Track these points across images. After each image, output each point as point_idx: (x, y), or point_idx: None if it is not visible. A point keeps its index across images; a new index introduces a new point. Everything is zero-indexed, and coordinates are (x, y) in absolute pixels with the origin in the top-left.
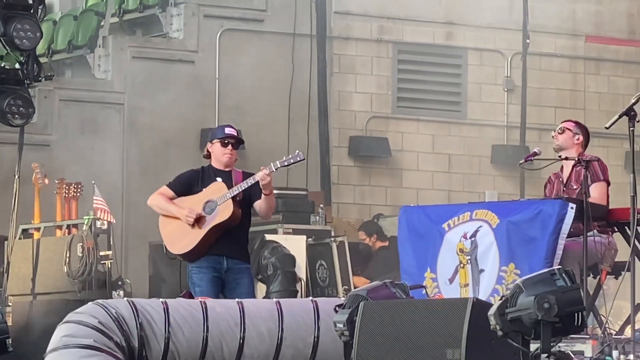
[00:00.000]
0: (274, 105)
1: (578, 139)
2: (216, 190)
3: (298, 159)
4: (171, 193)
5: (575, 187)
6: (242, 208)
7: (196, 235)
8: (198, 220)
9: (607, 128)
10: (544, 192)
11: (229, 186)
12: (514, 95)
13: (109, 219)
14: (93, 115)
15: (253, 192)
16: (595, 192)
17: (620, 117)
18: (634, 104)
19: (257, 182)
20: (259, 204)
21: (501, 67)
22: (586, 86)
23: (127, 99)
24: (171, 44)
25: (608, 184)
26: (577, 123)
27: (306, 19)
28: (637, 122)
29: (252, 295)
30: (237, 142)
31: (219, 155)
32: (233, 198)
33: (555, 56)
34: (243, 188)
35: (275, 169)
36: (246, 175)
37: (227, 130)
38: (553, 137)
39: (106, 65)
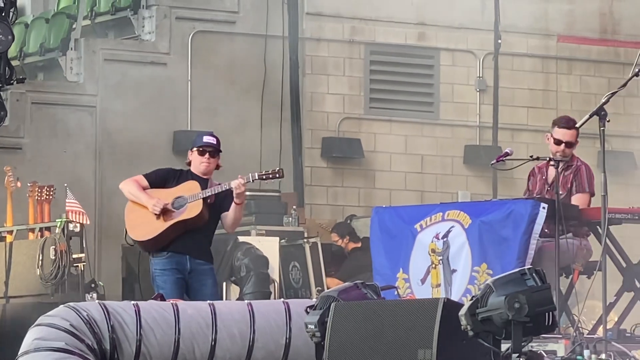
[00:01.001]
0: (246, 107)
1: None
2: (189, 188)
3: (277, 175)
4: (145, 182)
5: (561, 192)
6: (211, 212)
7: (158, 226)
8: (164, 213)
9: (577, 128)
10: (527, 185)
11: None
12: (486, 96)
13: (82, 221)
14: (65, 118)
15: (225, 201)
16: (577, 202)
17: (590, 116)
18: (604, 103)
19: (231, 192)
20: (226, 215)
21: (473, 68)
22: (558, 86)
23: (100, 102)
24: (143, 46)
25: (592, 194)
26: (577, 130)
27: (278, 20)
28: (608, 121)
29: (216, 296)
30: (215, 150)
31: (197, 163)
32: (204, 199)
33: (527, 56)
34: (216, 192)
35: (252, 181)
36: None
37: (205, 139)
38: (562, 150)
39: (78, 68)
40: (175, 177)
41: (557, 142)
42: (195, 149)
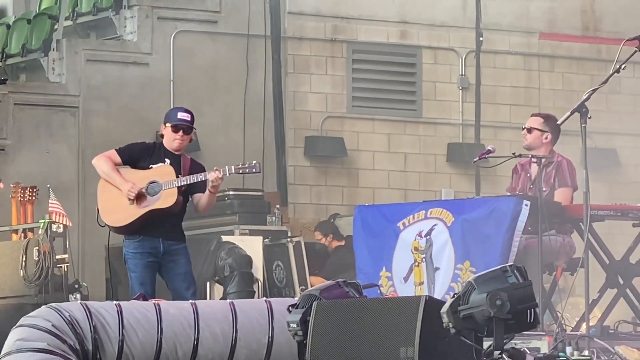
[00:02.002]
0: (228, 107)
1: (546, 138)
2: (164, 173)
3: (253, 170)
4: (118, 159)
5: (544, 189)
6: (183, 195)
7: (133, 213)
8: (138, 197)
9: (559, 125)
10: (511, 183)
11: (177, 170)
12: (468, 93)
13: (64, 222)
14: (48, 119)
15: (197, 184)
16: (559, 197)
17: (572, 113)
18: (585, 100)
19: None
20: (199, 197)
21: (455, 66)
22: (540, 83)
23: (82, 102)
24: (125, 47)
25: (575, 189)
26: (545, 118)
27: (260, 19)
28: (589, 118)
29: (190, 274)
30: (189, 127)
31: (170, 140)
32: (178, 187)
33: (509, 54)
34: (191, 181)
35: (229, 174)
36: (194, 164)
37: (180, 116)
38: (523, 135)
39: (60, 68)
40: (148, 154)
41: (522, 129)
42: (169, 124)
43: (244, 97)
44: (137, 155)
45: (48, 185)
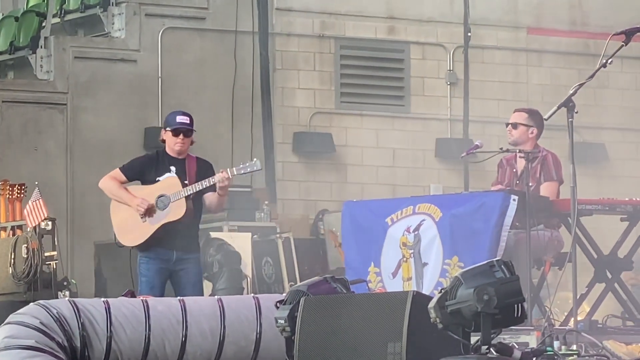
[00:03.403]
0: (217, 103)
1: (532, 132)
2: (170, 185)
3: (255, 168)
4: (123, 177)
5: (531, 184)
6: (194, 201)
7: (147, 230)
8: (149, 212)
9: (546, 119)
10: (497, 177)
11: (183, 175)
12: (456, 89)
13: (35, 223)
14: (36, 116)
15: (206, 187)
16: (545, 191)
17: (559, 108)
18: (572, 94)
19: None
20: (210, 198)
21: (443, 61)
22: (528, 78)
23: (70, 99)
24: (113, 44)
25: (561, 182)
26: (529, 113)
27: (248, 16)
28: (576, 112)
29: (200, 283)
30: (189, 130)
31: (171, 144)
32: (186, 197)
33: (497, 49)
34: (198, 189)
35: (232, 176)
36: (201, 162)
37: (179, 119)
38: (508, 131)
39: (48, 65)
40: (152, 165)
41: (506, 125)
42: (169, 129)
43: (232, 93)
44: (142, 170)
45: (36, 183)
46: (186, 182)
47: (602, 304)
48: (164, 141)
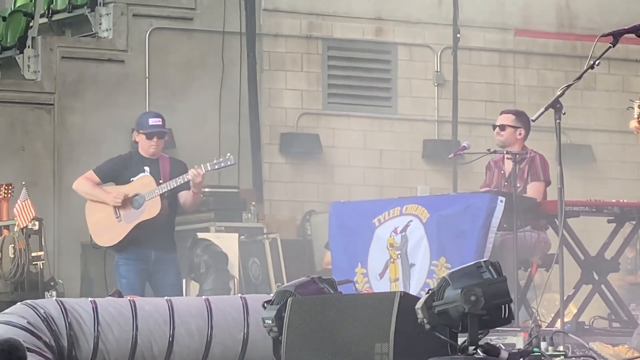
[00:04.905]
0: (204, 104)
1: (520, 134)
2: (145, 184)
3: (229, 162)
4: (97, 179)
5: (518, 185)
6: (169, 199)
7: (122, 230)
8: (125, 215)
9: (533, 120)
10: (485, 179)
11: (157, 175)
12: (444, 90)
13: (25, 223)
14: (23, 116)
15: (180, 185)
16: (532, 192)
17: (546, 109)
18: (560, 96)
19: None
20: (184, 196)
21: (431, 62)
22: (516, 80)
23: (57, 99)
24: (100, 44)
25: (548, 183)
26: (516, 114)
27: (235, 16)
28: (564, 114)
29: (179, 284)
30: (162, 132)
31: (145, 147)
32: (161, 194)
33: (484, 50)
34: (173, 186)
35: (205, 171)
36: (174, 164)
37: (152, 122)
38: (496, 133)
39: (36, 65)
40: (126, 166)
41: (494, 128)
42: (142, 132)
43: (220, 94)
44: (115, 171)
45: (23, 183)
46: (161, 181)
47: (588, 306)
48: (136, 142)
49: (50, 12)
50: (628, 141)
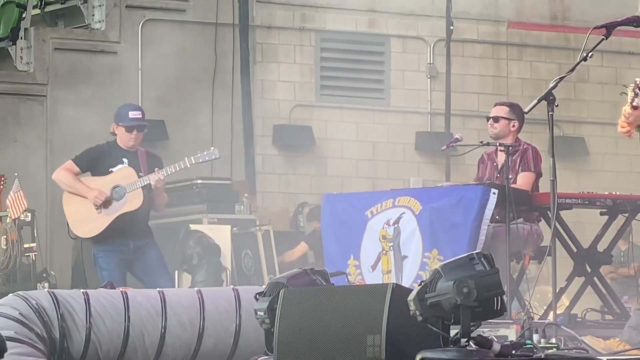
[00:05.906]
0: (197, 95)
1: (513, 126)
2: (125, 175)
3: (213, 156)
4: (76, 169)
5: (511, 177)
6: (145, 192)
7: (103, 221)
8: (105, 204)
9: (526, 113)
10: (477, 172)
11: (137, 167)
12: (437, 82)
13: (17, 214)
14: (16, 108)
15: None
16: (521, 182)
17: (539, 101)
18: (552, 88)
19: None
20: (153, 201)
21: (424, 54)
22: (509, 72)
23: (50, 91)
24: (93, 35)
25: (539, 175)
26: (510, 106)
27: (228, 8)
28: (556, 106)
29: (163, 264)
30: (142, 125)
31: (125, 140)
32: (142, 187)
33: (477, 42)
34: (145, 183)
35: (190, 165)
36: (150, 156)
37: (132, 115)
38: (489, 125)
39: (28, 57)
40: (104, 157)
41: (488, 119)
42: (121, 125)
43: (212, 85)
44: (95, 161)
45: (16, 174)
46: (140, 173)
47: (581, 298)
48: (114, 134)
49: (42, 3)
50: None
